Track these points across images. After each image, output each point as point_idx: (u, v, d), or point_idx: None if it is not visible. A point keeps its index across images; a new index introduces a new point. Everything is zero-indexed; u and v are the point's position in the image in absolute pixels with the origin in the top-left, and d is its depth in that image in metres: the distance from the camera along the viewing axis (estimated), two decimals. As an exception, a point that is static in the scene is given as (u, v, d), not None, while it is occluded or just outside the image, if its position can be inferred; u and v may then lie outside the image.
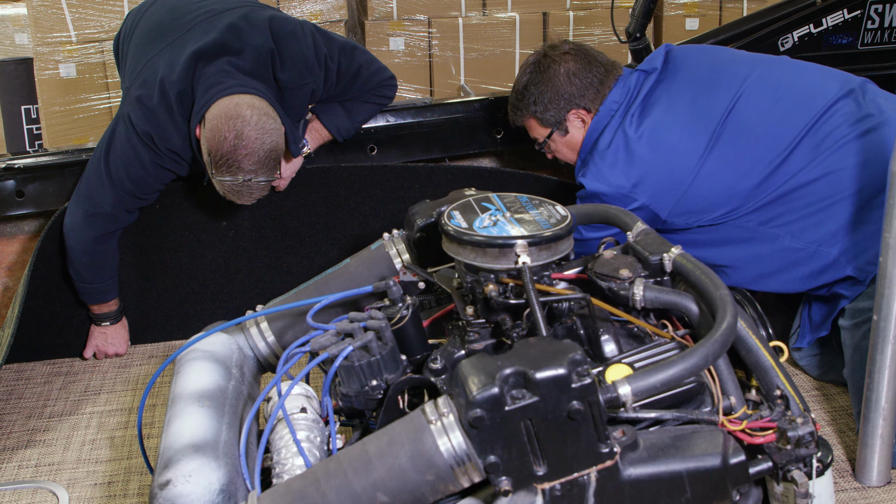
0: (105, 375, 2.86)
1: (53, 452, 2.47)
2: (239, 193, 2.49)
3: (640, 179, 2.36)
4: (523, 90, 2.58)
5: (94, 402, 2.71)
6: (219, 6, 2.70)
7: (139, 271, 2.98)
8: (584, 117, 2.54)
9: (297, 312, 1.96)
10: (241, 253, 3.01)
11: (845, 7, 3.17)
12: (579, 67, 2.52)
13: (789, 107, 2.35)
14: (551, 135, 2.59)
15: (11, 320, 2.68)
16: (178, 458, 1.52)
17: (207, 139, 2.43)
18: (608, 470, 1.37)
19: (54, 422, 2.62)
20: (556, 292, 1.61)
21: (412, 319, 1.70)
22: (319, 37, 2.71)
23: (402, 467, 1.34)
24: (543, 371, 1.30)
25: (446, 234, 1.68)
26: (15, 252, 3.05)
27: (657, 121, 2.42)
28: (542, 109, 2.55)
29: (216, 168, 2.43)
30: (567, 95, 2.52)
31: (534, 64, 2.57)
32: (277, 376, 1.66)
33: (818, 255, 2.31)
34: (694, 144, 2.36)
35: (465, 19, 5.07)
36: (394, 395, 1.61)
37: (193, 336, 1.89)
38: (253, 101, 2.45)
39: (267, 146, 2.42)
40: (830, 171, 2.29)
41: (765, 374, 1.60)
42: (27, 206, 2.91)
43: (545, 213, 1.71)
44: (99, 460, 2.43)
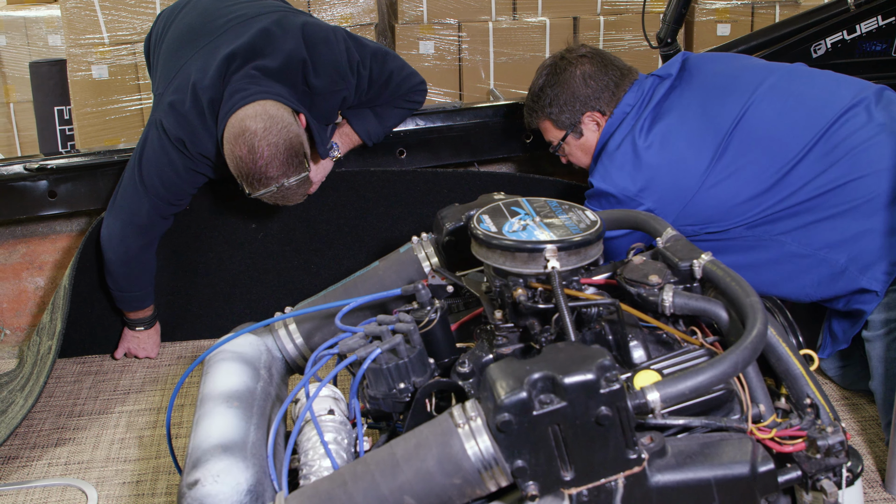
0: (134, 375, 2.89)
1: (83, 451, 2.50)
2: (283, 198, 2.50)
3: (645, 185, 2.36)
4: (539, 92, 2.59)
5: (124, 402, 2.74)
6: (251, 10, 2.71)
7: (169, 271, 3.00)
8: (598, 120, 2.55)
9: (326, 314, 1.97)
10: (269, 254, 3.02)
11: (879, 14, 3.15)
12: (595, 70, 2.53)
13: (799, 117, 2.34)
14: (566, 137, 2.59)
15: (55, 322, 2.69)
16: (207, 457, 1.54)
17: (228, 163, 2.44)
18: (636, 476, 1.37)
19: (84, 420, 2.64)
20: (585, 297, 1.61)
21: (440, 323, 1.70)
22: (352, 43, 2.72)
23: (429, 470, 1.34)
24: (572, 376, 1.30)
25: (475, 238, 1.68)
26: (47, 251, 3.08)
27: (667, 128, 2.42)
28: (558, 111, 2.56)
29: (248, 185, 2.45)
30: (583, 98, 2.53)
31: (550, 66, 2.58)
32: (305, 378, 1.67)
33: (826, 262, 2.28)
34: (701, 153, 2.36)
35: (496, 23, 5.08)
36: (421, 398, 1.61)
37: (223, 337, 1.90)
38: (258, 108, 2.43)
39: (283, 148, 2.41)
40: (840, 180, 2.26)
41: (794, 383, 1.58)
42: (59, 206, 2.94)
43: (574, 217, 1.71)
44: (128, 459, 2.45)
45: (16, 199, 2.90)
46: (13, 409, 2.57)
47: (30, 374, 2.71)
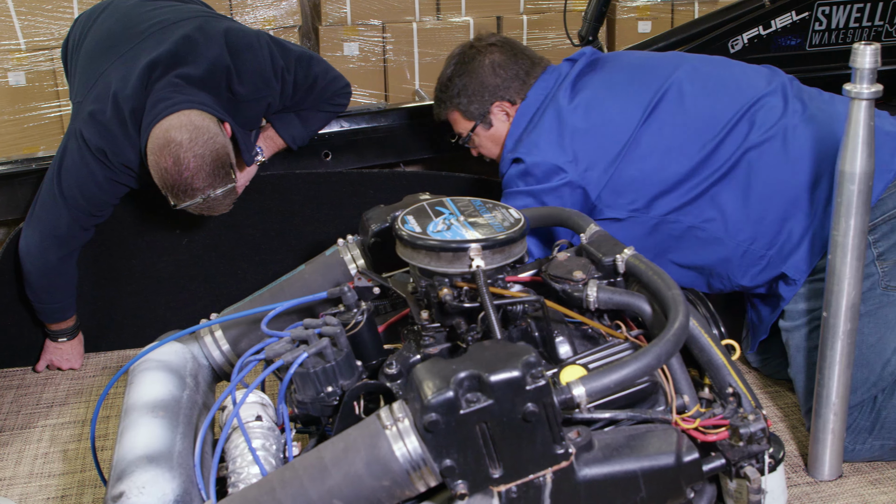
0: (58, 388, 2.83)
1: (5, 467, 2.44)
2: (209, 209, 2.46)
3: (573, 151, 2.31)
4: (447, 82, 2.54)
5: (47, 415, 2.68)
6: (172, 16, 2.67)
7: (91, 280, 2.94)
8: (508, 110, 2.50)
9: (252, 320, 1.95)
10: (195, 260, 2.99)
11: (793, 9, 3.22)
12: (505, 59, 2.49)
13: (720, 96, 2.34)
14: (475, 128, 2.54)
15: None
16: (132, 469, 1.51)
17: (153, 175, 2.39)
18: (564, 471, 1.38)
19: (6, 436, 2.58)
20: (511, 295, 1.62)
21: (367, 325, 1.70)
22: (276, 48, 2.69)
23: (357, 473, 1.34)
24: (498, 374, 1.30)
25: (400, 239, 1.68)
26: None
27: (592, 94, 2.39)
28: (467, 102, 2.51)
29: (173, 197, 2.40)
30: (492, 87, 2.49)
31: (458, 55, 2.54)
32: (232, 384, 1.65)
33: (749, 249, 2.29)
34: (628, 118, 2.32)
35: (420, 24, 5.07)
36: (349, 401, 1.60)
37: (147, 346, 1.87)
38: (183, 118, 2.38)
39: (209, 159, 2.36)
40: (755, 167, 2.27)
41: (717, 373, 1.61)
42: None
43: (499, 216, 1.71)
44: (52, 474, 2.40)
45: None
46: None
47: None
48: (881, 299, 2.20)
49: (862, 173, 1.96)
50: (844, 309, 2.06)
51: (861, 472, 2.26)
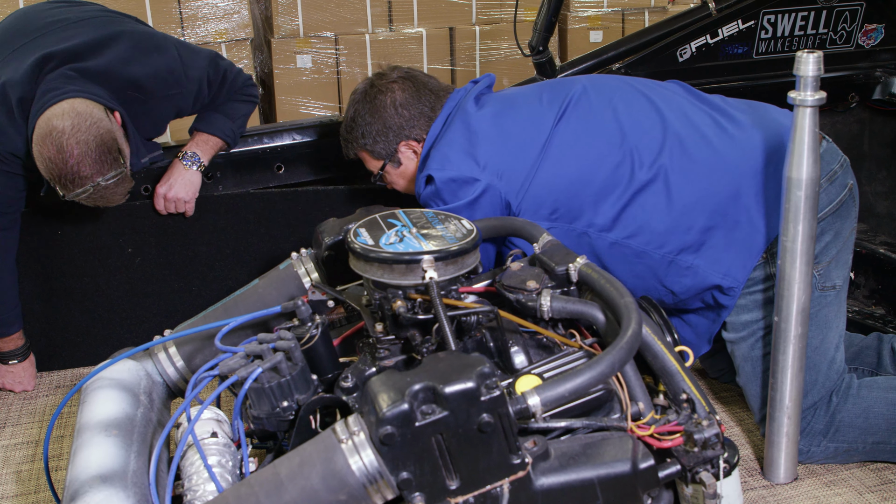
0: (10, 408, 2.78)
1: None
2: (102, 198, 2.40)
3: (485, 158, 2.23)
4: (351, 123, 2.48)
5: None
6: (74, 16, 2.63)
7: (43, 297, 2.90)
8: (415, 147, 2.44)
9: (206, 336, 1.93)
10: (148, 278, 2.96)
11: (740, 18, 3.26)
12: (407, 97, 2.42)
13: (628, 104, 2.32)
14: (384, 167, 2.49)
15: None
16: (85, 489, 1.49)
17: (39, 166, 2.34)
18: (521, 481, 1.38)
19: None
20: (464, 306, 1.62)
21: (322, 338, 1.69)
22: (184, 50, 2.68)
23: (314, 488, 1.33)
24: (452, 385, 1.31)
25: (353, 252, 1.68)
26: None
27: (499, 103, 2.36)
28: (372, 142, 2.45)
29: (61, 187, 2.34)
30: (395, 127, 2.41)
31: (361, 94, 2.47)
32: (186, 401, 1.64)
33: (675, 263, 2.24)
34: (541, 121, 2.28)
35: (373, 35, 5.08)
36: (305, 415, 1.60)
37: (100, 364, 1.85)
38: (66, 106, 2.33)
39: (94, 145, 2.31)
40: (672, 179, 2.22)
41: (671, 379, 1.63)
42: None
43: (451, 227, 1.72)
44: (4, 496, 2.36)
45: None
46: None
47: None
48: (819, 301, 2.22)
49: (808, 179, 1.99)
50: (795, 313, 2.08)
51: (816, 475, 2.29)
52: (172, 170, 2.81)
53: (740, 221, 2.21)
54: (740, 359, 2.32)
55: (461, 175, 2.22)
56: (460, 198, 2.21)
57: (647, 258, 2.22)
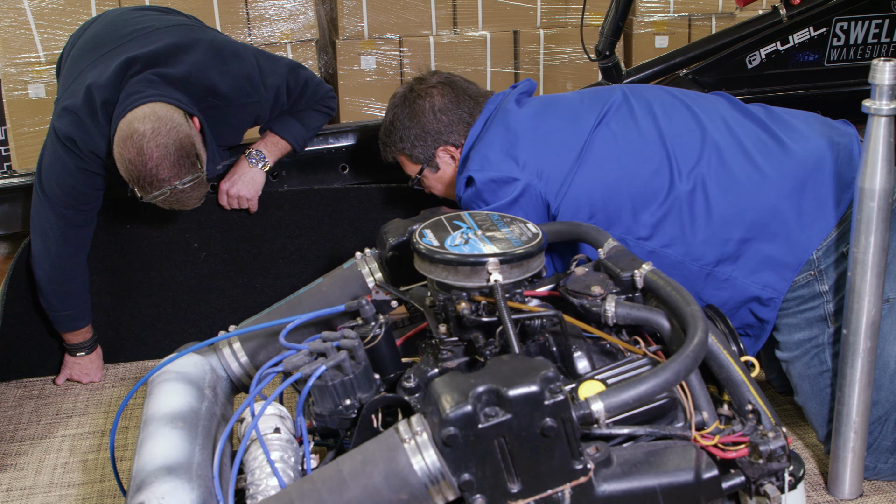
0: (77, 398, 2.84)
1: (25, 476, 2.45)
2: (178, 202, 2.45)
3: (524, 158, 2.23)
4: (390, 127, 2.49)
5: (67, 426, 2.69)
6: (158, 23, 2.70)
7: (111, 292, 2.96)
8: (453, 153, 2.45)
9: (270, 332, 1.96)
10: (213, 274, 3.00)
11: (811, 25, 3.22)
12: (446, 102, 2.42)
13: (671, 114, 2.30)
14: (422, 171, 2.50)
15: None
16: (151, 480, 1.51)
17: (119, 167, 2.39)
18: (582, 487, 1.37)
19: (26, 445, 2.59)
20: (529, 310, 1.62)
21: (385, 338, 1.70)
22: (263, 60, 2.72)
23: (376, 486, 1.34)
24: (516, 388, 1.30)
25: (418, 253, 1.68)
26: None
27: (540, 105, 2.35)
28: (410, 146, 2.46)
29: (140, 189, 2.40)
30: (434, 132, 2.43)
31: (400, 98, 2.48)
32: (250, 396, 1.66)
33: (713, 275, 2.21)
34: (580, 123, 2.26)
35: (437, 38, 5.09)
36: (367, 414, 1.61)
37: (166, 357, 1.88)
38: (147, 110, 2.39)
39: (173, 149, 2.36)
40: (711, 190, 2.19)
41: (736, 389, 1.61)
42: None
43: (516, 230, 1.72)
44: (72, 484, 2.41)
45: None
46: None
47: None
48: None
49: (882, 190, 1.95)
50: (865, 326, 2.05)
51: (882, 491, 2.24)
52: (238, 167, 2.85)
53: (779, 234, 2.18)
54: (797, 378, 2.29)
55: (501, 175, 2.22)
56: (500, 198, 2.21)
57: (684, 269, 2.20)
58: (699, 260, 2.20)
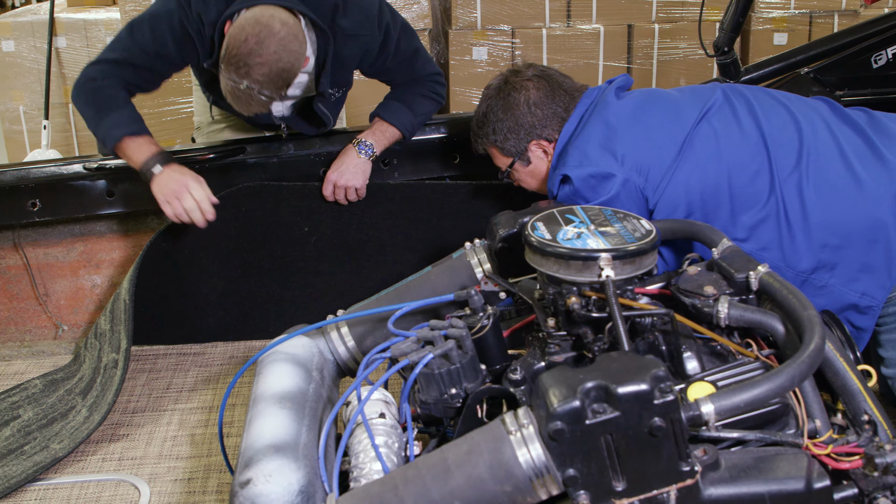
0: (187, 374, 2.92)
1: (136, 447, 2.53)
2: (238, 99, 2.46)
3: (623, 151, 2.19)
4: (482, 118, 2.46)
5: (176, 400, 2.77)
6: None
7: (222, 273, 3.03)
8: (546, 148, 2.40)
9: (378, 318, 1.98)
10: (321, 257, 3.04)
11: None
12: (541, 96, 2.38)
13: (771, 116, 2.24)
14: (513, 164, 2.46)
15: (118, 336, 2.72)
16: (259, 457, 1.55)
17: (230, 34, 2.42)
18: (688, 489, 1.35)
19: (137, 417, 2.68)
20: (640, 307, 1.60)
21: (493, 329, 1.70)
22: (386, 7, 2.75)
23: (480, 476, 1.34)
24: (626, 386, 1.29)
25: (529, 245, 1.68)
26: (104, 250, 3.13)
27: (639, 98, 2.32)
28: (502, 139, 2.42)
29: (226, 65, 2.41)
30: (527, 126, 2.38)
31: (495, 90, 2.44)
32: (357, 381, 1.68)
33: (809, 282, 2.15)
34: (681, 118, 2.22)
35: (549, 30, 5.07)
36: (473, 404, 1.61)
37: (275, 338, 1.92)
38: (290, 19, 2.44)
39: (282, 64, 2.40)
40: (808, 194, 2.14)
41: (852, 398, 1.56)
42: (117, 205, 2.99)
43: (629, 226, 1.70)
44: (180, 457, 2.48)
45: (75, 197, 2.96)
46: (75, 416, 2.61)
47: (90, 380, 2.74)
48: None
49: None
50: None
51: None
52: (345, 156, 2.89)
53: (878, 240, 2.10)
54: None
55: (599, 170, 2.19)
56: (599, 194, 2.19)
57: (780, 274, 2.15)
58: (795, 266, 2.14)
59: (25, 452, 2.51)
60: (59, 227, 3.10)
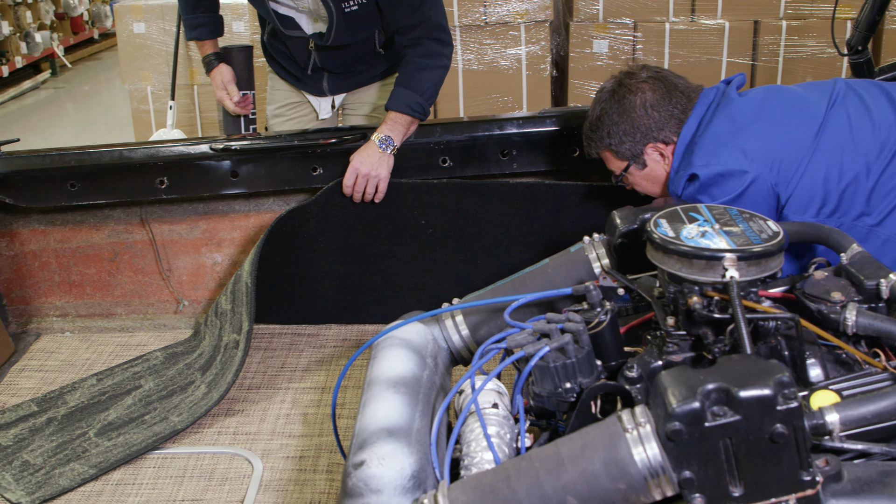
0: (301, 354, 2.98)
1: (251, 423, 2.60)
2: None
3: (752, 147, 2.16)
4: (597, 122, 2.41)
5: (290, 379, 2.83)
6: None
7: (339, 257, 3.08)
8: (662, 150, 2.35)
9: (493, 309, 1.98)
10: (436, 248, 3.06)
11: None
12: (658, 98, 2.33)
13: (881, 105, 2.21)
14: (628, 168, 2.42)
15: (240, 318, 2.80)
16: (373, 440, 1.57)
17: None
18: (808, 499, 1.32)
19: (253, 393, 2.75)
20: (763, 310, 1.56)
21: (610, 325, 1.69)
22: None
23: (594, 473, 1.34)
24: (748, 389, 1.27)
25: (651, 242, 1.66)
26: (226, 229, 3.22)
27: (763, 93, 2.27)
28: (617, 142, 2.38)
29: None
30: (644, 129, 2.34)
31: (609, 93, 2.40)
32: (472, 370, 1.69)
33: None
34: (813, 106, 2.18)
35: (672, 24, 5.00)
36: (587, 399, 1.60)
37: (391, 323, 1.94)
38: None
39: None
40: None
41: None
42: (240, 186, 3.07)
43: (756, 227, 1.66)
44: (292, 434, 2.54)
45: (200, 177, 3.05)
46: (194, 392, 2.70)
47: (210, 357, 2.83)
48: None
49: None
50: None
51: None
52: (368, 149, 2.93)
53: None
54: None
55: (728, 168, 2.15)
56: (728, 192, 2.15)
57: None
58: None
59: (146, 422, 2.60)
60: (184, 205, 3.20)
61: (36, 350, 3.10)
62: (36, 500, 2.32)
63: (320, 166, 3.03)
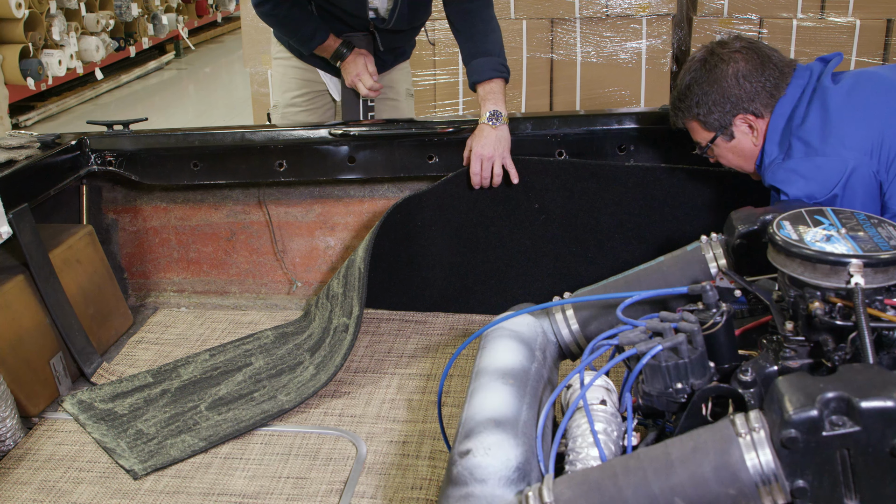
0: (408, 340, 3.00)
1: (356, 405, 2.63)
2: None
3: (850, 136, 2.12)
4: (685, 90, 2.36)
5: (396, 364, 2.86)
6: None
7: (450, 245, 3.08)
8: (752, 123, 2.29)
9: (604, 305, 1.96)
10: (549, 238, 3.04)
11: None
12: (750, 69, 2.27)
13: None
14: (715, 139, 2.35)
15: (351, 302, 2.84)
16: (480, 430, 1.58)
17: None
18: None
19: (359, 377, 2.78)
20: (889, 319, 1.51)
21: (725, 327, 1.66)
22: None
23: (704, 476, 1.31)
24: (870, 400, 1.23)
25: (773, 244, 1.61)
26: (340, 214, 3.27)
27: (855, 75, 2.21)
28: (706, 112, 2.32)
29: None
30: (734, 99, 2.28)
31: (700, 62, 2.34)
32: (582, 365, 1.67)
33: None
34: None
35: (799, 20, 4.85)
36: (699, 401, 1.57)
37: (500, 314, 1.94)
38: None
39: None
40: None
41: None
42: (356, 171, 3.10)
43: (884, 233, 1.60)
44: (396, 419, 2.56)
45: (319, 161, 3.10)
46: (303, 372, 2.74)
47: (319, 339, 2.87)
48: None
49: None
50: None
51: None
52: (481, 132, 2.91)
53: None
54: None
55: (827, 160, 2.11)
56: (828, 185, 2.10)
57: None
58: None
59: (255, 399, 2.66)
60: (301, 189, 3.26)
61: (153, 323, 3.20)
62: (148, 468, 2.40)
63: (436, 155, 3.04)
